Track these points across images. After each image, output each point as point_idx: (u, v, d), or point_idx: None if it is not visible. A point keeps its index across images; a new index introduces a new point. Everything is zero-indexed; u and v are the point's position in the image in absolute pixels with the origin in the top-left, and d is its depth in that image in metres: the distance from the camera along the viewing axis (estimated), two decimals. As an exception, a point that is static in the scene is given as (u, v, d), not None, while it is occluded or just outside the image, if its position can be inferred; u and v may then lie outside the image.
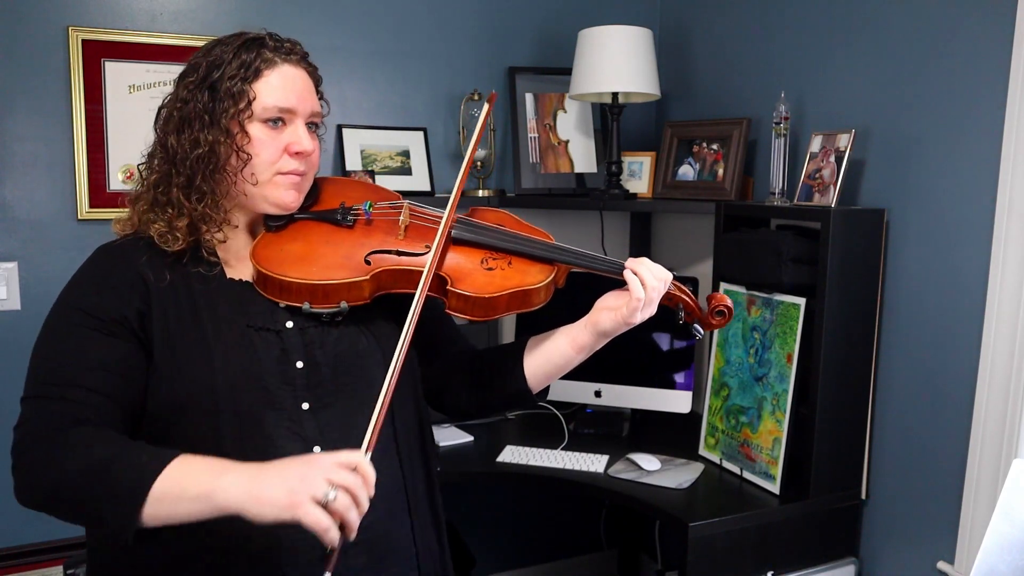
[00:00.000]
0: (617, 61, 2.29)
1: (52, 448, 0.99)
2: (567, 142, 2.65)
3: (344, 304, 1.14)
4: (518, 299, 1.17)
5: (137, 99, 2.16)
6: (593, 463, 2.08)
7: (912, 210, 1.85)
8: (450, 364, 1.34)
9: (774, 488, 1.89)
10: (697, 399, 2.40)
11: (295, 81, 1.15)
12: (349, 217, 1.21)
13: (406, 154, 2.47)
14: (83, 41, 2.09)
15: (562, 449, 2.19)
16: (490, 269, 1.19)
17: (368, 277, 1.15)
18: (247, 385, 1.08)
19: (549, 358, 1.25)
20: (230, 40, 1.14)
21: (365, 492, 0.93)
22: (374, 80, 2.44)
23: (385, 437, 1.17)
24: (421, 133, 2.49)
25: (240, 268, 1.17)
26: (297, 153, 1.14)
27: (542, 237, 1.24)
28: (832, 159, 1.91)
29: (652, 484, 1.96)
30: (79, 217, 2.13)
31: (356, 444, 1.02)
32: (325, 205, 1.23)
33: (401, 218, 1.22)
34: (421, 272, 1.15)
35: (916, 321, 1.85)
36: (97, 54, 2.11)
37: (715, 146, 2.33)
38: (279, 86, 1.13)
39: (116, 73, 2.13)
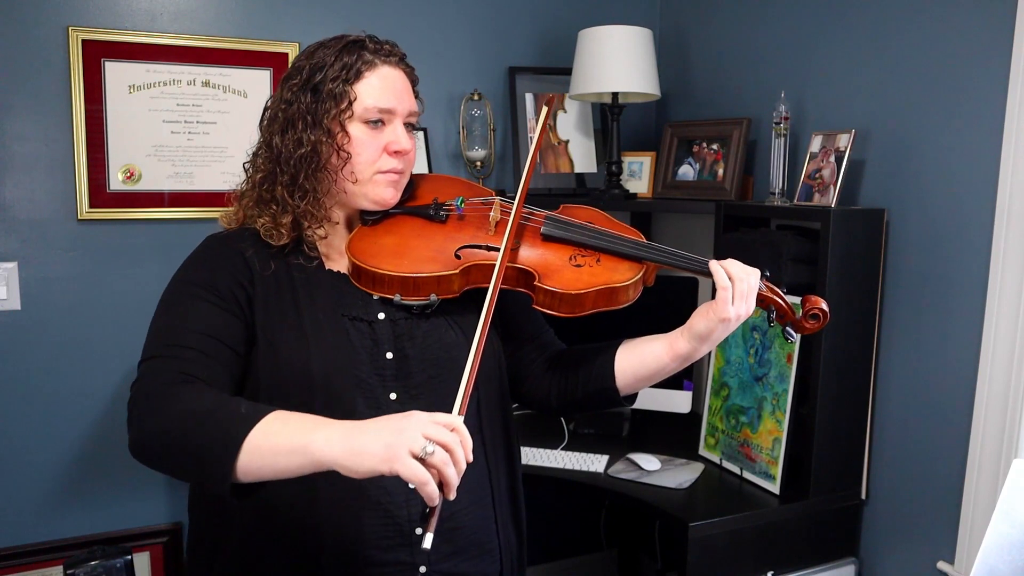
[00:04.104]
0: (617, 61, 2.29)
1: (162, 400, 1.01)
2: (567, 142, 2.65)
3: (434, 297, 1.16)
4: (605, 296, 1.17)
5: (137, 99, 2.16)
6: (593, 463, 2.08)
7: (912, 210, 1.85)
8: (534, 353, 1.35)
9: (774, 488, 1.89)
10: (697, 399, 2.40)
11: (394, 82, 1.18)
12: (441, 212, 1.24)
13: (406, 154, 2.47)
14: (83, 41, 2.08)
15: (562, 449, 2.20)
16: (578, 266, 1.20)
17: (458, 271, 1.17)
18: (340, 371, 1.12)
19: (643, 360, 1.24)
20: (332, 43, 1.18)
21: (462, 451, 0.90)
22: (374, 80, 2.44)
23: (471, 428, 1.20)
24: (421, 133, 2.49)
25: (338, 261, 1.22)
26: (396, 152, 1.18)
27: (632, 235, 1.23)
28: (832, 159, 1.91)
29: (652, 484, 1.96)
30: (79, 217, 2.13)
31: None
32: (420, 201, 1.26)
33: (492, 214, 1.24)
34: (511, 267, 1.16)
35: (916, 321, 1.85)
36: (97, 54, 2.11)
37: (715, 146, 2.33)
38: (379, 87, 1.16)
39: (116, 73, 2.13)
